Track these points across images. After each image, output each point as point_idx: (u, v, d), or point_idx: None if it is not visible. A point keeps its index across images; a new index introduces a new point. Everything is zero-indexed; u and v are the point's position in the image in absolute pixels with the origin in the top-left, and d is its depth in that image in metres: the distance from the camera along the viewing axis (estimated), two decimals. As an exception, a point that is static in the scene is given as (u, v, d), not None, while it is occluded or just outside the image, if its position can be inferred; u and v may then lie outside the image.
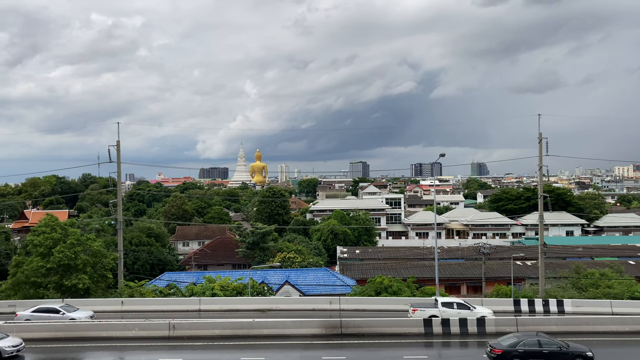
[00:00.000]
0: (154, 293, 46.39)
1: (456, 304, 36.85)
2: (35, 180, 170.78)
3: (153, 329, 33.51)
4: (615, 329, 34.00)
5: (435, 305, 37.00)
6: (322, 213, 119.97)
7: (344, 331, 33.46)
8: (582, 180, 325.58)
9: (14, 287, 44.76)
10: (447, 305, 36.65)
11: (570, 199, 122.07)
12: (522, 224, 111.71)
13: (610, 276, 50.33)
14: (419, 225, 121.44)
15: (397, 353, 29.94)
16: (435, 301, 37.72)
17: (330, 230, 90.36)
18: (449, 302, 37.35)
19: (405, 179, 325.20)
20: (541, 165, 47.91)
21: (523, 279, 60.39)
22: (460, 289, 62.46)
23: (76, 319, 35.29)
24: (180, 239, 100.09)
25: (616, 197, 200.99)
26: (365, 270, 63.32)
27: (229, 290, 45.52)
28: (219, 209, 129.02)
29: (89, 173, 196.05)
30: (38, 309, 36.78)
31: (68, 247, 43.40)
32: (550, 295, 45.13)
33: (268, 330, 33.47)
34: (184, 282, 50.77)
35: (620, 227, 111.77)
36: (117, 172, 50.63)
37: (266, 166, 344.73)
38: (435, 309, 36.44)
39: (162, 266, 73.99)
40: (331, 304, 41.24)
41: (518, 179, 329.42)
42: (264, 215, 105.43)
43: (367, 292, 45.77)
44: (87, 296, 43.63)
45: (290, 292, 52.17)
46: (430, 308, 36.82)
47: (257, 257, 71.12)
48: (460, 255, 73.94)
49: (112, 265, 46.96)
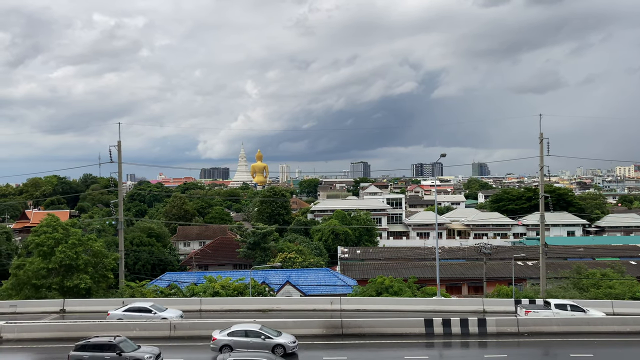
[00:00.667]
0: (155, 293, 46.41)
1: (569, 306, 36.74)
2: (37, 180, 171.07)
3: (154, 329, 33.55)
4: (616, 329, 33.93)
5: (547, 306, 36.97)
6: (323, 213, 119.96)
7: (344, 331, 33.44)
8: (583, 180, 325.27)
9: (16, 287, 44.77)
10: (560, 307, 36.60)
11: (571, 199, 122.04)
12: (523, 224, 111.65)
13: (612, 276, 50.26)
14: (420, 226, 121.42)
15: (398, 353, 29.92)
16: (545, 303, 37.70)
17: (331, 230, 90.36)
18: (563, 303, 37.22)
19: (406, 179, 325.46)
20: (542, 166, 47.85)
21: (524, 279, 60.36)
22: (461, 289, 62.46)
23: (168, 319, 35.35)
24: (181, 239, 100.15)
25: (617, 198, 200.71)
26: (366, 271, 63.31)
27: (230, 290, 45.54)
28: (220, 209, 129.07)
29: (90, 173, 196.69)
30: (129, 308, 36.71)
31: (69, 247, 43.42)
32: (552, 295, 45.05)
33: (269, 331, 33.44)
34: (185, 282, 50.83)
35: (621, 228, 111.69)
36: (118, 173, 50.69)
37: (267, 166, 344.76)
38: (549, 311, 36.38)
39: (163, 266, 74.10)
40: (332, 304, 41.20)
41: (519, 179, 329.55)
42: (265, 216, 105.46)
43: (368, 292, 45.75)
44: (88, 296, 43.64)
45: (291, 292, 52.19)
46: (543, 310, 36.75)
47: (258, 258, 71.12)
48: (461, 255, 73.97)
49: (113, 265, 46.97)
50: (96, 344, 27.71)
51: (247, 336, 29.32)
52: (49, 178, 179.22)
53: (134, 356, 27.31)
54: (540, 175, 49.58)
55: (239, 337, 29.25)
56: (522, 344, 32.29)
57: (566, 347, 30.99)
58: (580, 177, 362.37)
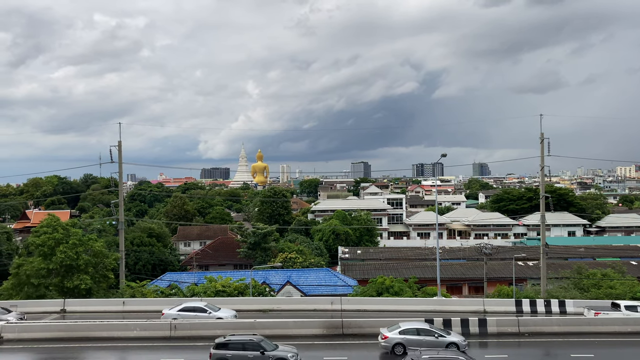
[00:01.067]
0: (156, 293, 46.45)
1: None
2: (37, 180, 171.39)
3: (154, 329, 33.53)
4: (617, 329, 33.88)
5: (616, 308, 36.89)
6: (323, 213, 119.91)
7: (345, 331, 33.44)
8: (584, 180, 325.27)
9: (16, 287, 44.78)
10: (630, 309, 36.57)
11: (572, 199, 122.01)
12: (524, 225, 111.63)
13: (612, 277, 50.25)
14: (420, 226, 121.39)
15: (399, 353, 29.86)
16: (613, 305, 37.60)
17: (332, 230, 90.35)
18: (633, 305, 37.14)
19: (406, 179, 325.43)
20: (543, 166, 47.83)
21: (525, 279, 60.33)
22: (462, 290, 62.45)
23: (223, 318, 35.35)
24: (181, 239, 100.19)
25: (618, 198, 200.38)
26: (367, 271, 63.29)
27: (231, 290, 45.53)
28: (221, 209, 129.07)
29: (90, 173, 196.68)
30: (184, 308, 36.58)
31: (70, 247, 43.41)
32: (552, 295, 45.07)
33: (270, 331, 33.40)
34: (186, 283, 50.84)
35: (622, 228, 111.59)
36: (119, 173, 50.71)
37: (267, 166, 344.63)
38: (618, 312, 36.29)
39: (164, 266, 74.13)
40: (332, 305, 41.21)
41: (520, 179, 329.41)
42: (266, 216, 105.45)
43: (369, 292, 45.74)
44: (88, 296, 43.65)
45: (291, 292, 52.19)
46: (613, 311, 36.65)
47: (258, 258, 71.12)
48: (461, 255, 73.90)
49: (113, 265, 46.96)
50: (238, 343, 27.11)
51: (419, 334, 29.33)
52: (50, 178, 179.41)
53: (278, 355, 26.71)
54: (541, 175, 49.55)
55: (411, 336, 29.20)
56: (522, 344, 32.28)
57: (567, 347, 30.96)
58: (581, 177, 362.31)
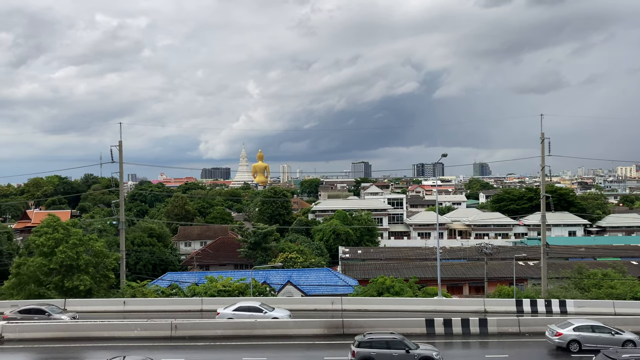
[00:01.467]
0: (156, 293, 46.45)
1: None
2: (38, 180, 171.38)
3: (155, 329, 33.55)
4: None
5: None
6: (324, 213, 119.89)
7: (346, 331, 33.41)
8: (585, 180, 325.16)
9: (17, 286, 44.80)
10: None
11: (572, 199, 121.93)
12: (525, 224, 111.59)
13: (613, 276, 50.19)
14: (421, 226, 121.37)
15: (399, 353, 29.81)
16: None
17: (332, 230, 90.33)
18: None
19: (407, 179, 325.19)
20: (543, 166, 47.81)
21: (525, 279, 60.32)
22: (463, 289, 62.44)
23: (279, 318, 35.37)
24: (182, 239, 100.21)
25: (619, 198, 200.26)
26: (367, 271, 63.29)
27: (231, 290, 45.53)
28: (221, 209, 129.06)
29: (91, 173, 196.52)
30: (239, 307, 36.46)
31: (70, 247, 43.41)
32: (553, 295, 45.04)
33: (270, 331, 33.47)
34: (186, 282, 50.82)
35: (622, 228, 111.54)
36: (119, 173, 50.72)
37: (268, 166, 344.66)
38: None
39: (164, 266, 74.13)
40: (333, 304, 41.17)
41: (520, 179, 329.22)
42: (266, 216, 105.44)
43: (369, 292, 45.71)
44: (89, 296, 43.66)
45: (292, 292, 52.18)
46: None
47: (259, 258, 71.12)
48: (462, 255, 73.88)
49: (114, 265, 46.97)
50: (382, 341, 26.92)
51: (594, 331, 29.77)
52: (51, 178, 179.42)
53: (423, 354, 26.53)
54: (542, 175, 49.53)
55: (586, 332, 29.70)
56: (523, 344, 32.26)
57: (567, 347, 30.89)
58: (582, 177, 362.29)
